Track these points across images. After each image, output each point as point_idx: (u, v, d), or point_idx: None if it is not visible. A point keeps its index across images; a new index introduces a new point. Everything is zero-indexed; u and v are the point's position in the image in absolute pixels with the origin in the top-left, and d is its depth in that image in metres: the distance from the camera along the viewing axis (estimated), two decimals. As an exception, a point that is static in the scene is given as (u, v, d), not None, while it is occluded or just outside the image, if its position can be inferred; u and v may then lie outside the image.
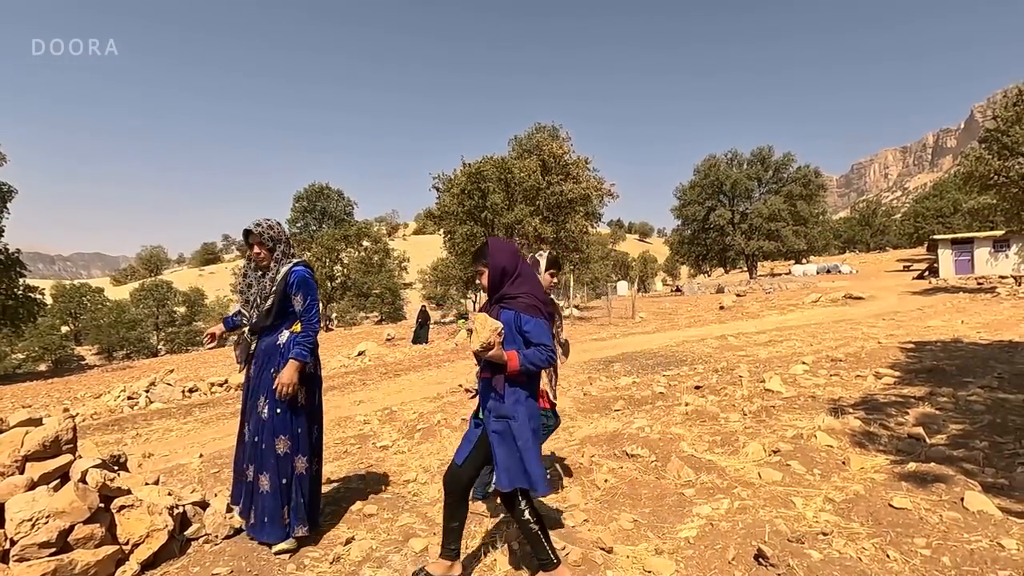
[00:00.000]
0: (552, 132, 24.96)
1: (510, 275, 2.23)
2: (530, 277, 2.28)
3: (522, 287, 2.22)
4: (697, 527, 2.77)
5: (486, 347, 2.06)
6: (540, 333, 2.16)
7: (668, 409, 5.31)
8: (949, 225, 47.68)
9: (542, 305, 2.23)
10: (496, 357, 2.09)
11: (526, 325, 2.16)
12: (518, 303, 2.18)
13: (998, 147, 21.96)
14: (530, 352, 2.13)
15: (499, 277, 2.23)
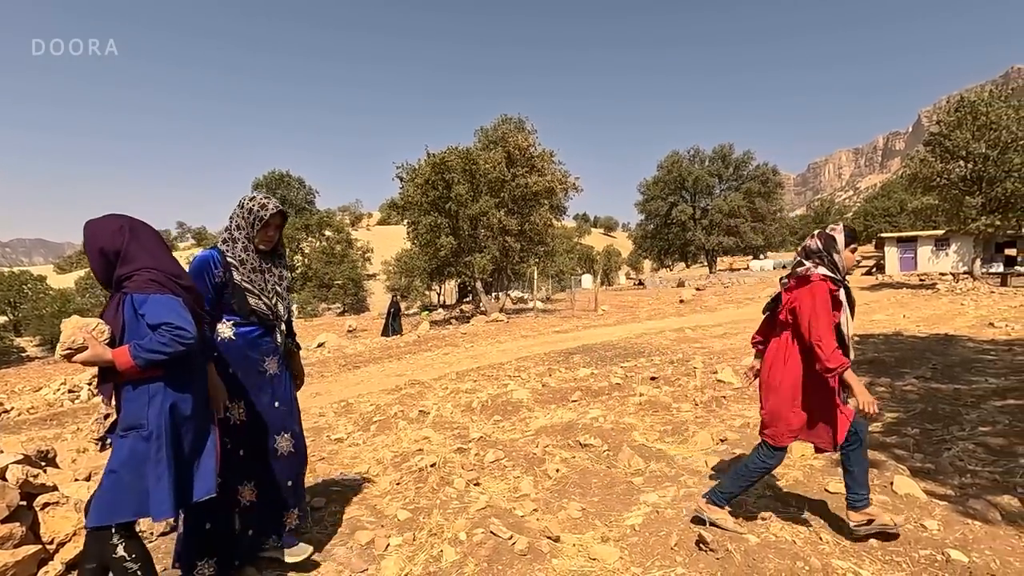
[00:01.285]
0: (518, 124, 24.89)
1: (113, 254, 1.85)
2: (145, 248, 1.89)
3: (133, 264, 1.85)
4: (643, 515, 2.82)
5: (71, 350, 1.70)
6: (159, 312, 1.78)
7: (623, 400, 5.39)
8: (895, 224, 49.93)
9: (167, 278, 1.87)
10: (90, 358, 1.72)
11: (141, 306, 1.79)
12: (131, 283, 1.82)
13: (941, 151, 23.08)
14: (147, 340, 1.74)
15: (101, 262, 1.86)
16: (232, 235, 2.33)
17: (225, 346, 2.30)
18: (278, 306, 2.42)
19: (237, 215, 2.33)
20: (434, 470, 3.55)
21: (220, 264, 2.27)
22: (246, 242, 2.32)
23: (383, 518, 2.93)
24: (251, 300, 2.31)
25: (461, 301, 33.26)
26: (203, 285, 2.20)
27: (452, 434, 4.71)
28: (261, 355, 2.38)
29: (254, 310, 2.33)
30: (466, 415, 5.53)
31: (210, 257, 2.27)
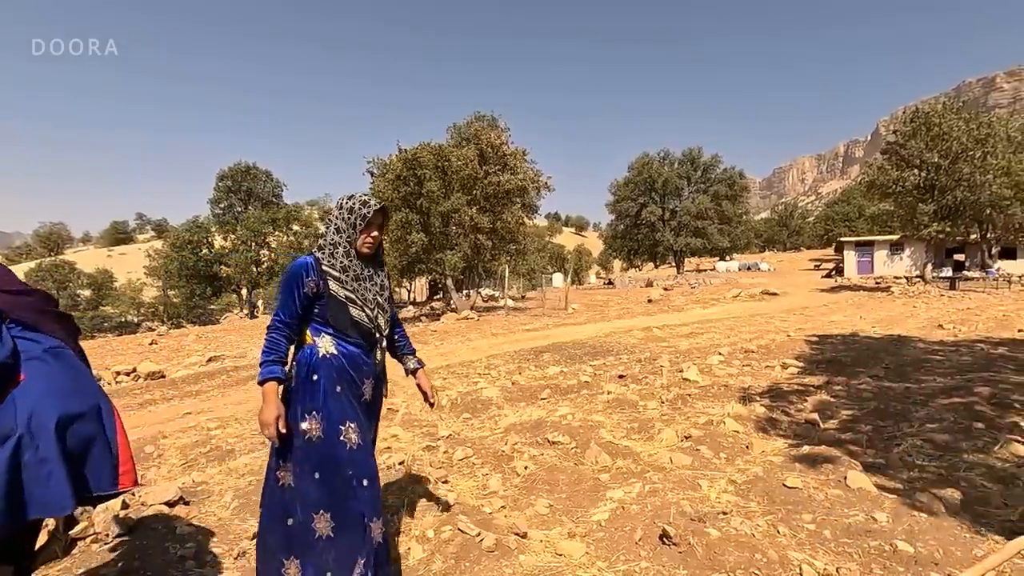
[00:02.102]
0: (491, 122, 24.86)
1: None
2: None
3: None
4: (609, 510, 2.87)
5: None
6: None
7: (592, 397, 5.47)
8: (854, 229, 51.85)
9: None
10: None
11: None
12: None
13: (897, 159, 24.06)
14: None
15: None
16: (332, 240, 2.08)
17: (326, 364, 2.01)
18: (379, 319, 2.16)
19: (336, 217, 2.10)
20: (403, 467, 3.54)
21: (315, 272, 2.03)
22: (347, 246, 2.08)
23: (350, 517, 2.90)
24: (353, 312, 2.05)
25: (432, 298, 33.05)
26: (290, 296, 2.00)
27: (421, 432, 4.69)
28: (361, 377, 2.09)
29: (356, 322, 2.06)
30: (434, 413, 5.51)
31: (304, 265, 2.03)
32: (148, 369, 10.32)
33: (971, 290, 23.14)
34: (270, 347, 1.99)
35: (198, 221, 37.34)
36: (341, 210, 2.10)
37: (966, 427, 4.07)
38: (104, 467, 1.75)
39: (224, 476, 3.78)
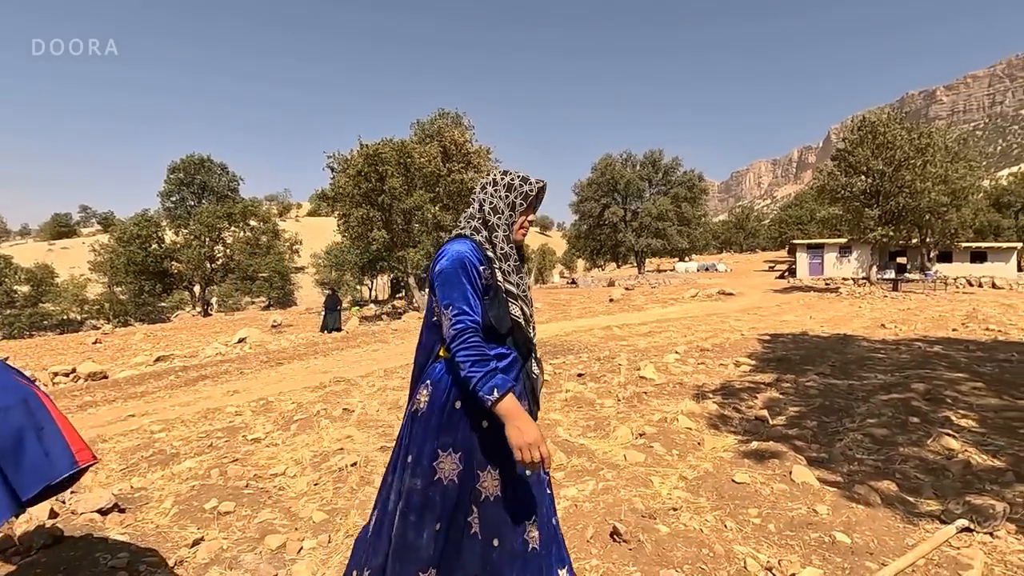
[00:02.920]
0: (455, 119, 24.73)
1: None
2: None
3: None
4: (563, 509, 2.88)
5: None
6: None
7: (550, 396, 5.48)
8: (806, 232, 53.90)
9: None
10: None
11: None
12: None
13: (845, 166, 25.13)
14: None
15: None
16: (488, 221, 1.68)
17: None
18: (533, 318, 1.80)
19: (492, 195, 1.71)
20: (355, 469, 3.46)
21: (482, 259, 1.62)
22: (507, 229, 1.70)
23: (297, 521, 2.82)
24: (514, 309, 1.66)
25: (394, 297, 32.63)
26: (468, 288, 1.56)
27: (376, 432, 4.61)
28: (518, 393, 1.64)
29: (517, 323, 1.66)
30: (393, 413, 5.42)
31: (470, 249, 1.61)
32: (89, 369, 9.82)
33: (912, 291, 24.40)
34: (481, 355, 1.48)
35: (147, 215, 35.77)
36: (498, 187, 1.73)
37: (903, 422, 4.26)
38: (56, 450, 1.62)
39: (166, 481, 3.62)
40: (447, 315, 1.54)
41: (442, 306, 1.56)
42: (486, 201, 1.72)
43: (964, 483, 3.21)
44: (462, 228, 1.71)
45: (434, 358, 1.67)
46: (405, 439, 1.65)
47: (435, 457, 1.57)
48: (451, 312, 1.53)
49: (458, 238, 1.69)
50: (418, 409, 1.61)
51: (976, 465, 3.46)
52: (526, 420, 1.47)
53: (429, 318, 1.72)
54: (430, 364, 1.67)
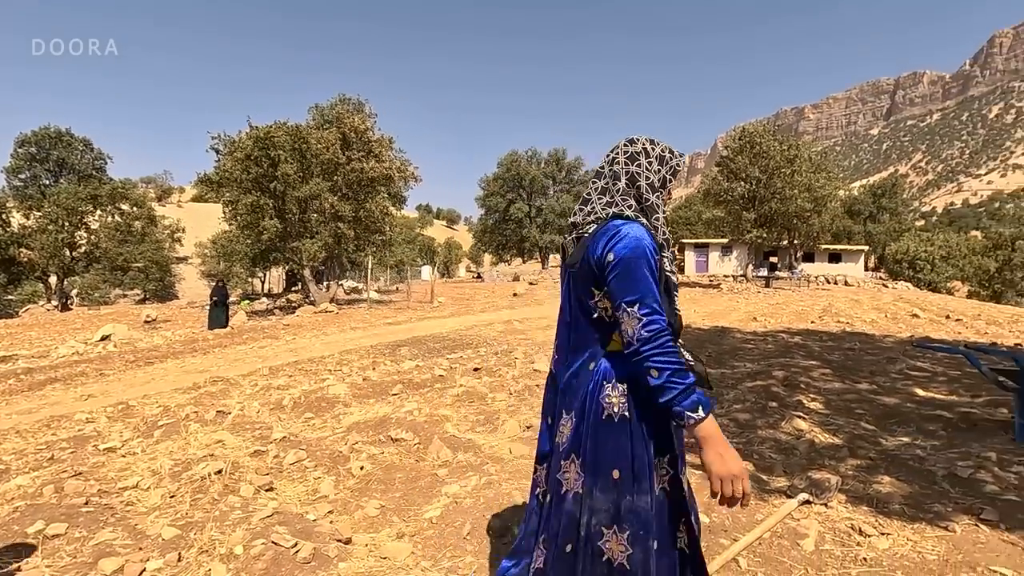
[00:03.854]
0: (357, 106, 23.77)
1: None
2: None
3: None
4: (442, 506, 2.83)
5: None
6: None
7: (442, 391, 5.41)
8: (694, 232, 58.02)
9: None
10: None
11: None
12: None
13: (727, 172, 27.35)
14: None
15: None
16: (646, 200, 1.42)
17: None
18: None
19: (647, 169, 1.43)
20: (219, 477, 3.18)
21: (656, 246, 1.37)
22: (663, 207, 1.46)
23: (143, 539, 2.53)
24: (676, 298, 1.46)
25: (289, 290, 30.81)
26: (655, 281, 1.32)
27: (252, 436, 4.28)
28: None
29: (676, 313, 1.45)
30: (274, 414, 5.08)
31: (647, 236, 1.35)
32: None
33: (781, 288, 27.12)
34: (680, 364, 1.27)
35: (-11, 194, 30.88)
36: (651, 158, 1.45)
37: (763, 406, 4.68)
38: None
39: (-16, 503, 3.10)
40: (633, 313, 1.29)
41: (624, 301, 1.30)
42: (640, 175, 1.43)
43: (808, 460, 3.57)
44: (617, 207, 1.40)
45: (595, 361, 1.42)
46: (586, 452, 1.39)
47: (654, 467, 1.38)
48: (640, 311, 1.28)
49: (618, 218, 1.38)
50: (613, 414, 1.36)
51: (819, 443, 3.87)
52: (729, 448, 1.28)
53: (577, 311, 1.46)
54: (590, 370, 1.42)
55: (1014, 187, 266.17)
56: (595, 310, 1.41)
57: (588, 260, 1.37)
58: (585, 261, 1.38)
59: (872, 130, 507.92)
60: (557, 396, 1.49)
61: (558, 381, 1.50)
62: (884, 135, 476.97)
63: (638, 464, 1.35)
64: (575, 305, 1.46)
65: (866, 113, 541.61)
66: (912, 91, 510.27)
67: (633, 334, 1.27)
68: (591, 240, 1.38)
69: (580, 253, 1.41)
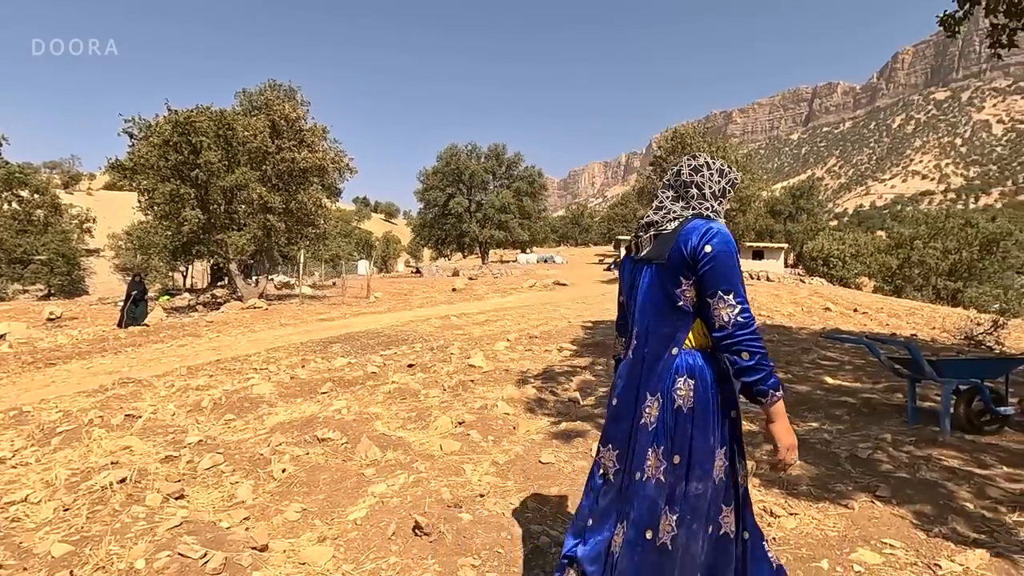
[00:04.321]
0: (288, 92, 22.74)
1: None
2: None
3: None
4: (368, 507, 2.75)
5: None
6: None
7: (374, 389, 5.28)
8: (630, 229, 59.84)
9: None
10: None
11: None
12: None
13: (660, 171, 28.30)
14: None
15: None
16: (713, 207, 1.60)
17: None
18: None
19: (709, 179, 1.61)
20: (122, 487, 2.95)
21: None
22: (721, 212, 1.63)
23: (29, 558, 2.30)
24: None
25: (215, 285, 29.15)
26: (740, 277, 1.48)
27: (164, 440, 4.00)
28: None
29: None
30: (191, 416, 4.79)
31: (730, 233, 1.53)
32: None
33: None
34: (765, 350, 1.45)
35: None
36: (712, 171, 1.63)
37: (688, 396, 4.87)
38: None
39: None
40: (729, 300, 1.43)
41: (720, 290, 1.44)
42: (705, 185, 1.61)
43: (727, 447, 3.75)
44: (694, 210, 1.58)
45: (677, 347, 1.53)
46: (663, 440, 1.50)
47: (713, 457, 1.50)
48: (735, 299, 1.44)
49: (698, 219, 1.55)
50: (682, 406, 1.49)
51: (737, 430, 4.07)
52: (790, 425, 1.48)
53: (660, 300, 1.56)
54: (672, 355, 1.53)
55: (913, 191, 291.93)
56: (680, 299, 1.52)
57: (680, 252, 1.50)
58: (676, 252, 1.51)
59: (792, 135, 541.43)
60: (640, 378, 1.58)
61: (642, 364, 1.58)
62: (803, 140, 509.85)
63: (696, 453, 1.48)
64: (658, 294, 1.57)
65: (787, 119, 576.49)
66: (827, 100, 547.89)
67: (729, 319, 1.42)
68: (679, 235, 1.52)
69: (666, 247, 1.53)
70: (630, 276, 1.70)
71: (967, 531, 2.69)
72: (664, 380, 1.52)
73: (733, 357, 1.44)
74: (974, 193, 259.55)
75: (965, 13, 5.64)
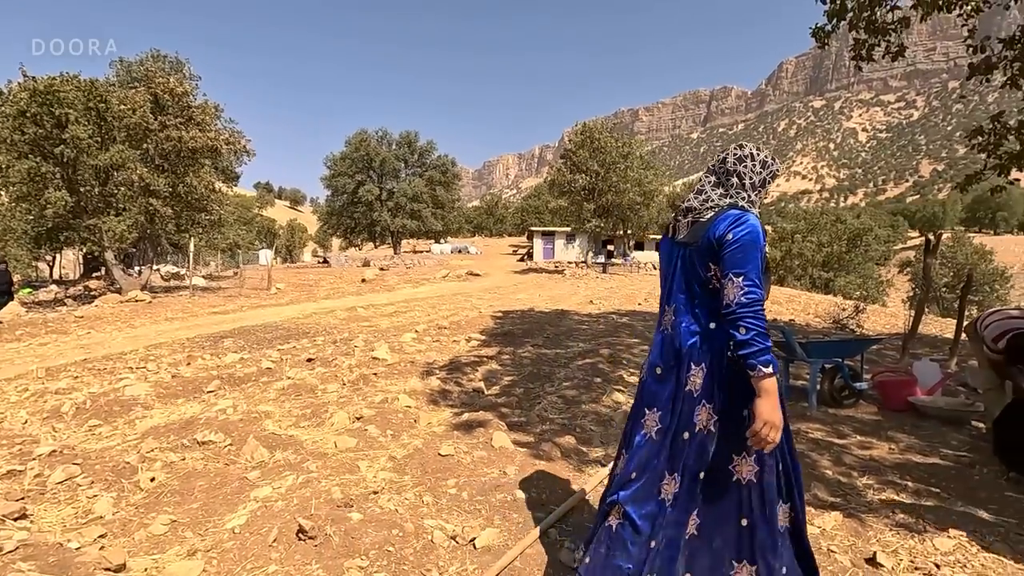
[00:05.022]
0: (175, 65, 20.74)
1: None
2: None
3: None
4: (249, 513, 2.55)
5: None
6: None
7: (267, 385, 4.95)
8: (542, 220, 60.91)
9: None
10: None
11: None
12: None
13: (571, 164, 28.99)
14: None
15: None
16: (750, 197, 1.74)
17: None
18: None
19: (751, 170, 1.75)
20: (-55, 510, 2.52)
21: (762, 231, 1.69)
22: (759, 202, 1.78)
23: None
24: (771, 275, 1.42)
25: (89, 276, 26.12)
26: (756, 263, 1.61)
27: (8, 453, 3.50)
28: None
29: (768, 284, 1.87)
30: (47, 423, 4.23)
31: (760, 226, 1.67)
32: None
33: (616, 273, 29.63)
34: (764, 328, 1.58)
35: None
36: (755, 162, 1.76)
37: (589, 382, 5.02)
38: None
39: None
40: (737, 283, 1.58)
41: (732, 272, 1.59)
42: (745, 175, 1.75)
43: (622, 429, 3.89)
44: (731, 199, 1.72)
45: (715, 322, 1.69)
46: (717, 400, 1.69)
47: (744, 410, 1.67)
48: (743, 281, 1.58)
49: (733, 208, 1.69)
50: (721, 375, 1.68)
51: (633, 413, 4.24)
52: (778, 404, 1.58)
53: (693, 281, 1.73)
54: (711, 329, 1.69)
55: (795, 190, 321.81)
56: (710, 281, 1.70)
57: (709, 238, 1.66)
58: (706, 239, 1.67)
59: (693, 134, 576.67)
60: (682, 349, 1.73)
61: (680, 338, 1.74)
62: (702, 139, 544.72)
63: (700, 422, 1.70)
64: (691, 275, 1.75)
65: (688, 119, 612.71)
66: (723, 103, 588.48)
67: (733, 298, 1.58)
68: (712, 223, 1.67)
69: (700, 233, 1.70)
70: (668, 255, 1.87)
71: (826, 496, 2.97)
72: (709, 353, 1.69)
73: (732, 331, 1.59)
74: (844, 193, 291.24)
75: (833, 27, 6.22)
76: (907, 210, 76.94)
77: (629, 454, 1.84)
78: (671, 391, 1.74)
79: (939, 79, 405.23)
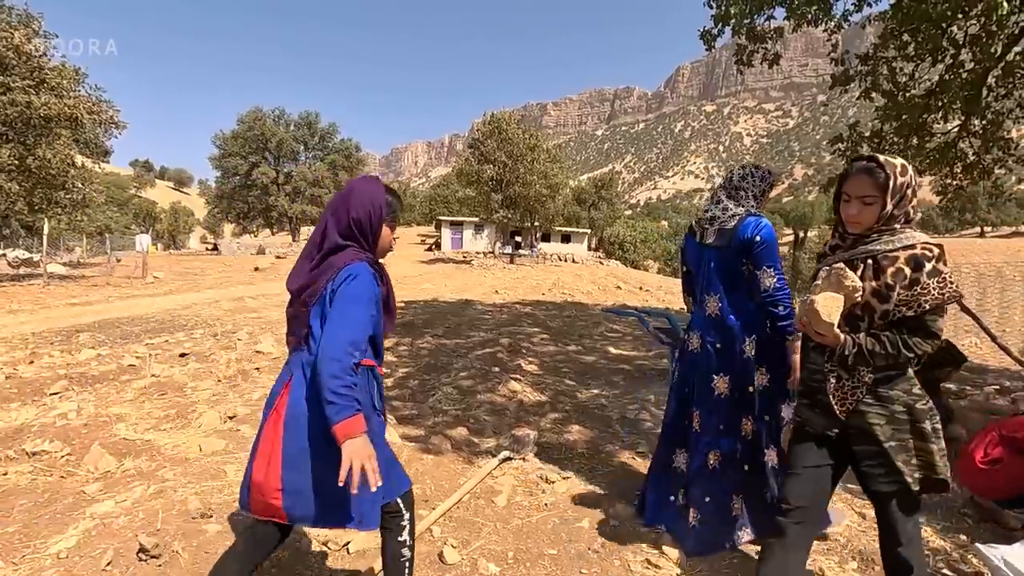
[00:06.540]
0: (23, 19, 17.96)
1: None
2: None
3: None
4: (81, 533, 2.21)
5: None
6: None
7: (125, 385, 4.39)
8: (451, 210, 60.34)
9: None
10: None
11: None
12: None
13: (478, 154, 28.87)
14: None
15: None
16: (756, 204, 2.26)
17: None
18: None
19: (753, 185, 2.24)
20: None
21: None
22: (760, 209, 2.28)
23: None
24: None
25: (-88, 262, 22.09)
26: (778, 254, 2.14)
27: None
28: None
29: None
30: None
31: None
32: None
33: (522, 264, 30.04)
34: (792, 305, 2.04)
35: None
36: (755, 177, 2.24)
37: (486, 372, 4.96)
38: None
39: None
40: (771, 273, 2.09)
41: (766, 265, 2.10)
42: (749, 189, 2.22)
43: (516, 418, 3.87)
44: (745, 208, 2.18)
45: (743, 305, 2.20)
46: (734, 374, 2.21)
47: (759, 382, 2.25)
48: (774, 272, 2.09)
49: (750, 215, 2.15)
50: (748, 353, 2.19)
51: (528, 402, 4.24)
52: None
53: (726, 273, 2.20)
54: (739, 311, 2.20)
55: (689, 188, 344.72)
56: (743, 274, 2.17)
57: (739, 240, 2.12)
58: (736, 240, 2.13)
59: (597, 131, 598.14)
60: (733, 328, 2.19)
61: (730, 319, 2.20)
62: (606, 136, 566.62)
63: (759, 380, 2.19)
64: (724, 270, 2.20)
65: (593, 116, 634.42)
66: (626, 102, 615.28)
67: (770, 285, 2.09)
68: (738, 229, 2.13)
69: (728, 237, 2.15)
70: (696, 255, 2.32)
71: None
72: (757, 326, 2.17)
73: (772, 309, 2.10)
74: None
75: (719, 31, 6.59)
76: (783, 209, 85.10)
77: (705, 410, 2.24)
78: (731, 359, 2.19)
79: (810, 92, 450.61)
